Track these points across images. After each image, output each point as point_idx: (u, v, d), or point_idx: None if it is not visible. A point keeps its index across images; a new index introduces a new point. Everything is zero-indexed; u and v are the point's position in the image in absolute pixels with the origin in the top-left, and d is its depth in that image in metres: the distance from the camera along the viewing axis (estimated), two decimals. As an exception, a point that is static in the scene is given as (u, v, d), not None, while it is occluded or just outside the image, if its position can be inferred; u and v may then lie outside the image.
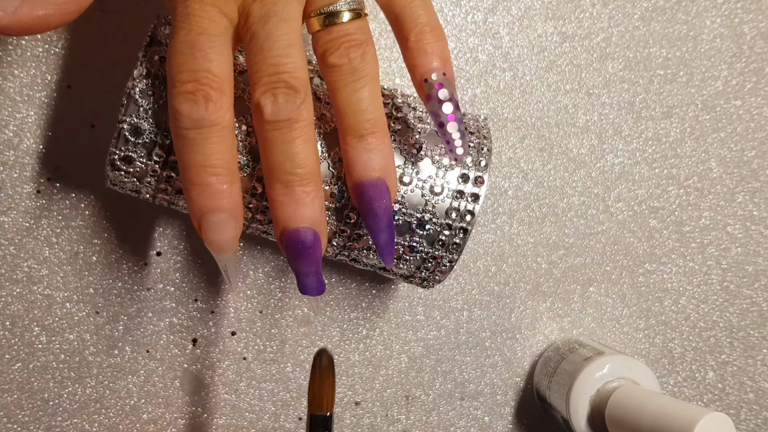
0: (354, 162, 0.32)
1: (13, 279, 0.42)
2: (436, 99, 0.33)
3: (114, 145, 0.33)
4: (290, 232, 0.32)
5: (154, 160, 0.33)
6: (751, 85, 0.48)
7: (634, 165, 0.47)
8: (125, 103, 0.33)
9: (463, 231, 0.36)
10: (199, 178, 0.31)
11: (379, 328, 0.45)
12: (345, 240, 0.35)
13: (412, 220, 0.35)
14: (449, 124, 0.33)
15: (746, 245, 0.48)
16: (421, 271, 0.37)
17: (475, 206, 0.36)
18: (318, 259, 0.32)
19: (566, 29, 0.46)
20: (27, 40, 0.41)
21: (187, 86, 0.30)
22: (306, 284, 0.33)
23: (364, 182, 0.33)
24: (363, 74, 0.32)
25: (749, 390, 0.49)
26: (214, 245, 0.32)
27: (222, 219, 0.31)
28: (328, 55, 0.31)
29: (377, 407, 0.46)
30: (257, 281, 0.44)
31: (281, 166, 0.31)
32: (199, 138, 0.30)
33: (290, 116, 0.30)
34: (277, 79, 0.30)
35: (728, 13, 0.47)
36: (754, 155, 0.48)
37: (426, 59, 0.32)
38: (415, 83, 0.33)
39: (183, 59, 0.30)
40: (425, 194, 0.35)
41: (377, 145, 0.32)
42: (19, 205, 0.42)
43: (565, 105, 0.46)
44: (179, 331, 0.44)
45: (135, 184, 0.34)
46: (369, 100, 0.32)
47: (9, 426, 0.43)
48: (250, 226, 0.36)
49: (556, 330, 0.47)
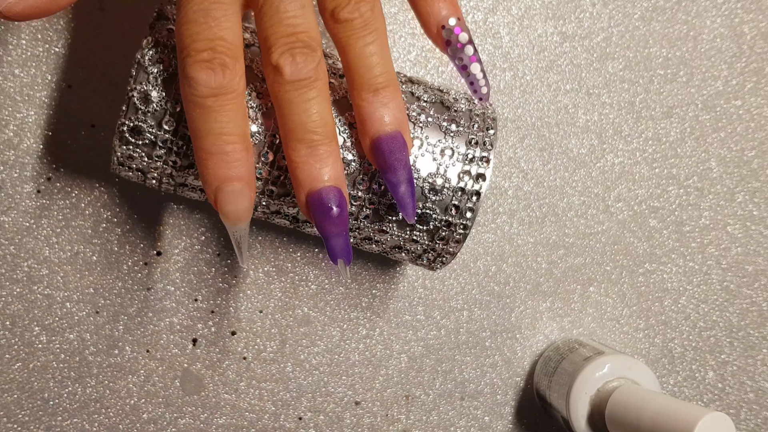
0: (369, 117, 0.33)
1: (13, 279, 0.42)
2: (456, 43, 0.34)
3: (123, 116, 0.33)
4: (317, 192, 0.31)
5: (165, 129, 0.33)
6: (751, 85, 0.48)
7: (634, 165, 0.47)
8: (134, 72, 0.32)
9: (476, 195, 0.35)
10: (216, 146, 0.31)
11: (379, 328, 0.45)
12: (357, 210, 0.35)
13: (425, 186, 0.35)
14: (472, 66, 0.34)
15: (746, 245, 0.48)
16: (434, 242, 0.37)
17: (487, 170, 0.35)
18: (346, 218, 0.32)
19: (566, 29, 0.46)
20: (27, 40, 0.41)
21: (203, 54, 0.30)
22: (335, 246, 0.32)
23: (381, 136, 0.33)
24: (373, 28, 0.32)
25: (749, 390, 0.49)
26: (232, 216, 0.32)
27: (238, 188, 0.31)
28: (339, 10, 0.31)
29: (377, 407, 0.46)
30: (257, 281, 0.44)
31: (303, 126, 0.31)
32: (215, 106, 0.30)
33: (309, 75, 0.31)
34: (295, 39, 0.30)
35: (728, 13, 0.47)
36: (754, 155, 0.48)
37: (438, 7, 0.33)
38: (431, 33, 0.34)
39: (197, 28, 0.30)
40: (436, 158, 0.35)
41: (391, 98, 0.33)
42: (19, 205, 0.42)
43: (565, 105, 0.46)
44: (179, 331, 0.44)
45: (143, 161, 0.34)
46: (380, 54, 0.32)
47: (9, 426, 0.43)
48: (260, 203, 0.35)
49: (556, 330, 0.47)
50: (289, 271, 0.44)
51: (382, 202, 0.35)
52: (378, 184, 0.35)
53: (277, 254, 0.44)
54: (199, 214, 0.43)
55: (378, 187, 0.35)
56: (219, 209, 0.32)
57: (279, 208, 0.36)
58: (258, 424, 0.45)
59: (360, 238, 0.37)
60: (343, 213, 0.32)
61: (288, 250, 0.44)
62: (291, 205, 0.35)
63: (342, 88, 0.35)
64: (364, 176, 0.34)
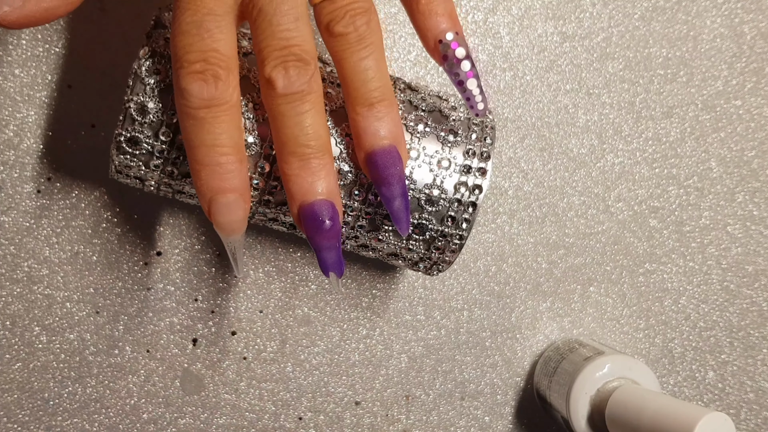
0: (364, 131, 0.33)
1: (13, 279, 0.42)
2: (453, 58, 0.33)
3: (120, 126, 0.33)
4: (308, 206, 0.32)
5: (161, 140, 0.33)
6: (751, 85, 0.48)
7: (634, 165, 0.47)
8: (131, 83, 0.33)
9: (472, 206, 0.36)
10: (209, 157, 0.31)
11: (379, 328, 0.45)
12: (353, 219, 0.35)
13: (421, 197, 0.35)
14: (469, 81, 0.34)
15: (746, 245, 0.48)
16: (430, 251, 0.37)
17: (483, 181, 0.35)
18: (338, 231, 0.32)
19: (566, 29, 0.46)
20: (27, 40, 0.41)
21: (195, 66, 0.30)
22: (327, 259, 0.32)
23: (375, 150, 0.32)
24: (369, 42, 0.32)
25: (749, 390, 0.49)
26: (225, 227, 0.32)
27: (232, 200, 0.31)
28: (333, 24, 0.31)
29: (377, 407, 0.46)
30: (257, 281, 0.44)
31: (295, 139, 0.31)
32: (208, 117, 0.30)
33: (302, 88, 0.31)
34: (288, 53, 0.30)
35: (728, 13, 0.47)
36: (754, 155, 0.48)
37: (437, 21, 0.33)
38: (429, 46, 0.34)
39: (190, 39, 0.30)
40: (433, 169, 0.35)
41: (387, 113, 0.33)
42: (19, 205, 0.42)
43: (565, 105, 0.46)
44: (179, 331, 0.44)
45: (141, 170, 0.34)
46: (376, 68, 0.32)
47: (9, 426, 0.43)
48: (257, 212, 0.35)
49: (556, 330, 0.47)
50: (289, 271, 0.44)
51: (378, 212, 0.35)
52: (374, 195, 0.35)
53: (277, 254, 0.44)
54: (199, 214, 0.43)
55: (374, 198, 0.35)
56: (213, 220, 0.32)
57: (276, 216, 0.36)
58: (258, 424, 0.45)
59: (356, 245, 0.37)
60: (335, 226, 0.32)
61: (288, 250, 0.44)
62: (288, 214, 0.35)
63: (339, 97, 0.35)
64: (360, 187, 0.34)
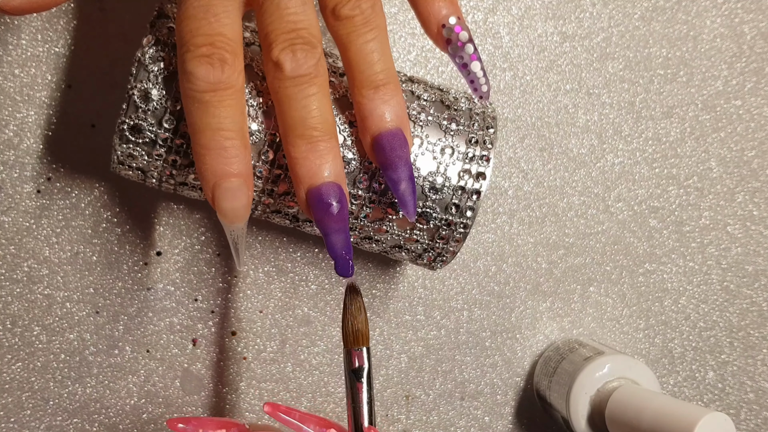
0: (370, 114, 0.33)
1: (13, 279, 0.42)
2: (456, 42, 0.34)
3: (123, 114, 0.33)
4: (316, 189, 0.31)
5: (165, 127, 0.33)
6: (751, 85, 0.48)
7: (634, 165, 0.47)
8: (134, 71, 0.33)
9: (476, 194, 0.36)
10: (214, 141, 0.31)
11: (379, 328, 0.45)
12: (358, 208, 0.35)
13: (425, 184, 0.35)
14: (473, 64, 0.34)
15: (746, 245, 0.48)
16: (435, 241, 0.37)
17: (487, 168, 0.35)
18: (346, 214, 0.32)
19: (566, 29, 0.46)
20: (27, 40, 0.41)
21: (202, 50, 0.30)
22: (336, 243, 0.32)
23: (382, 133, 0.33)
24: (374, 25, 0.32)
25: (749, 390, 0.49)
26: (229, 213, 0.32)
27: (236, 185, 0.31)
28: (340, 7, 0.32)
29: (377, 407, 0.46)
30: (257, 281, 0.44)
31: (303, 122, 0.31)
32: (214, 100, 0.30)
33: (310, 71, 0.31)
34: (296, 36, 0.31)
35: (728, 13, 0.47)
36: (754, 155, 0.48)
37: (439, 6, 0.34)
38: (431, 32, 0.34)
39: (197, 23, 0.30)
40: (436, 156, 0.35)
41: (392, 95, 0.33)
42: (19, 205, 0.42)
43: (565, 105, 0.46)
44: (179, 331, 0.44)
45: (144, 159, 0.34)
46: (381, 51, 0.32)
47: (9, 425, 0.43)
48: (260, 202, 0.35)
49: (556, 330, 0.47)
50: (289, 271, 0.44)
51: (383, 200, 0.35)
52: (378, 182, 0.35)
53: (277, 254, 0.44)
54: (199, 214, 0.43)
55: (378, 186, 0.35)
56: (216, 207, 0.31)
57: (279, 207, 0.36)
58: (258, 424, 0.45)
59: (360, 237, 0.37)
60: (343, 209, 0.32)
61: (288, 250, 0.44)
62: (291, 204, 0.35)
63: (342, 86, 0.35)
64: (364, 175, 0.34)
